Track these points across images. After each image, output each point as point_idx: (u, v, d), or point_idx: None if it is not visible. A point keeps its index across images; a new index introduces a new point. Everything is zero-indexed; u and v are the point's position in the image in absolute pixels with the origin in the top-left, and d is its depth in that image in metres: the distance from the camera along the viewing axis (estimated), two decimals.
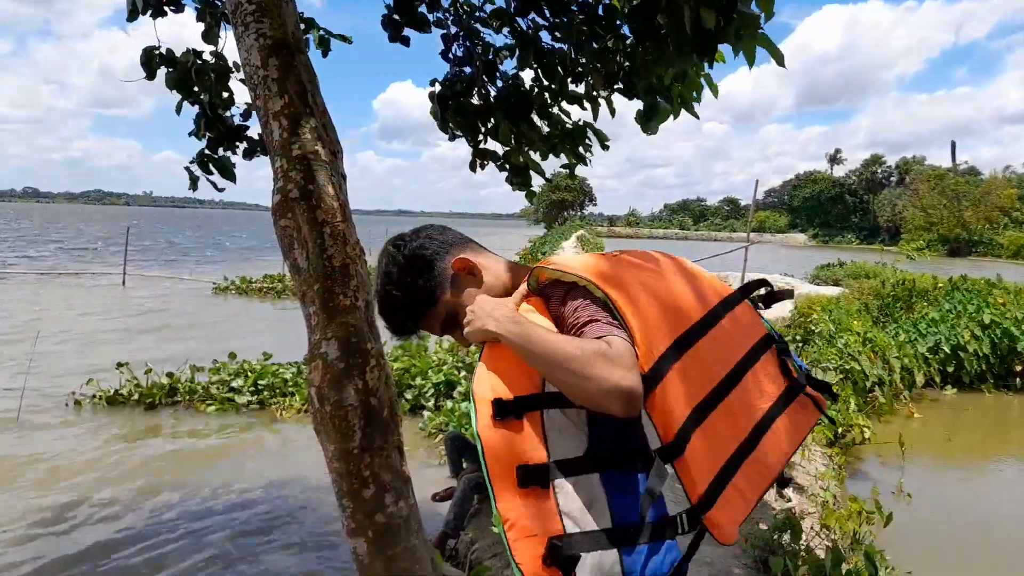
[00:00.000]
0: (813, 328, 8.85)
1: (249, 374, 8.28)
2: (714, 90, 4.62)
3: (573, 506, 1.10)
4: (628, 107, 4.27)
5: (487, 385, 1.18)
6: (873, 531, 4.65)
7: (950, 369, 9.41)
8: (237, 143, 4.24)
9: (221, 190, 4.29)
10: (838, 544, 3.21)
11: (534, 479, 1.11)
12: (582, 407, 1.12)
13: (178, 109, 4.04)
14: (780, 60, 3.25)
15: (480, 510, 4.33)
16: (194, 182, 4.13)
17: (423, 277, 1.40)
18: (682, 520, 1.18)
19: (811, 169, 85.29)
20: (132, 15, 3.76)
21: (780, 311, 10.75)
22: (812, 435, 5.91)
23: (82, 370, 8.68)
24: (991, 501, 6.22)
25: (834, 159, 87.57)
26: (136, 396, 7.71)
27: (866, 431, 6.62)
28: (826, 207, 76.58)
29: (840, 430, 6.55)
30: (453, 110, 4.29)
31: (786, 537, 3.21)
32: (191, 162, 4.05)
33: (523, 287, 1.35)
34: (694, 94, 4.42)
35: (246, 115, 4.24)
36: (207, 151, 4.09)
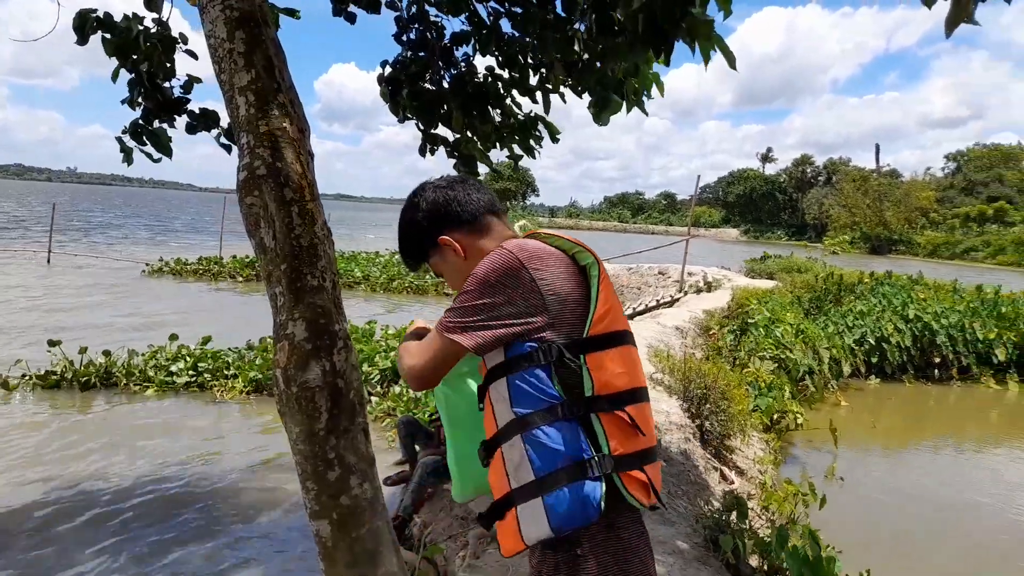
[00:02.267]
0: (750, 319, 9.17)
1: (188, 358, 8.05)
2: (660, 88, 4.73)
3: (511, 465, 1.31)
4: (574, 99, 4.33)
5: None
6: (807, 512, 4.90)
7: (874, 360, 9.91)
8: (176, 115, 4.08)
9: (157, 161, 4.12)
10: (782, 525, 3.36)
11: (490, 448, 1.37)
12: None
13: (114, 76, 3.86)
14: (732, 62, 3.36)
15: (434, 494, 4.34)
16: (128, 154, 3.94)
17: (418, 238, 1.60)
18: (593, 464, 1.27)
19: (745, 167, 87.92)
20: None
21: (718, 302, 11.09)
22: (750, 421, 6.15)
23: (7, 352, 8.25)
24: (913, 483, 6.60)
25: (766, 158, 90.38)
26: (70, 376, 7.39)
27: (799, 417, 6.92)
28: (758, 204, 79.03)
29: (776, 416, 6.84)
30: (409, 94, 4.25)
31: (733, 517, 3.34)
32: (123, 132, 3.88)
33: None
34: (644, 91, 4.52)
35: (187, 87, 4.09)
36: (142, 122, 3.92)
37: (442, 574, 3.51)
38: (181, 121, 4.11)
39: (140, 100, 3.95)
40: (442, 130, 4.37)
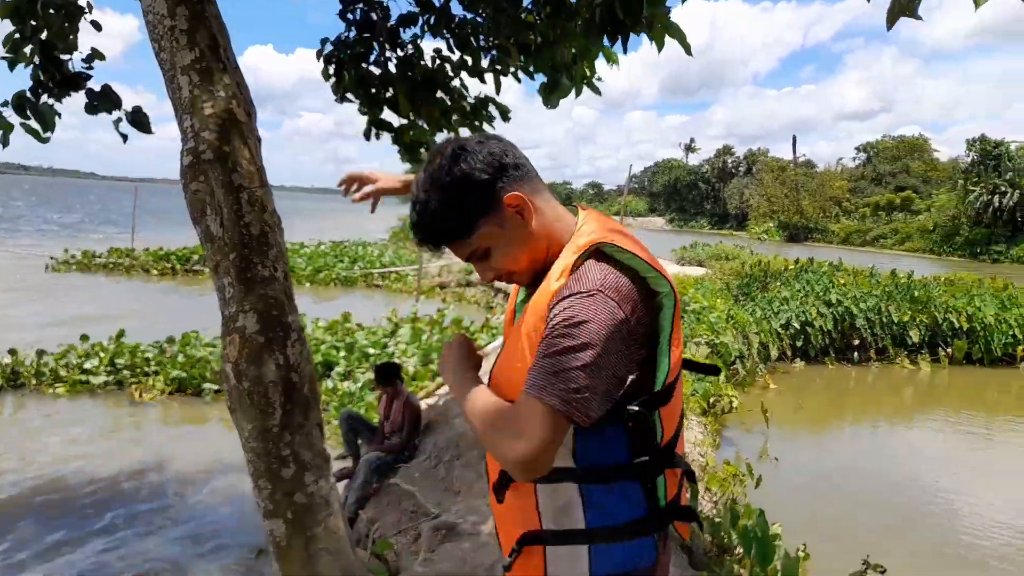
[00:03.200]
0: (687, 307, 9.39)
1: (103, 354, 7.62)
2: (615, 60, 4.72)
3: (549, 507, 1.18)
4: (510, 86, 4.32)
5: (497, 383, 1.23)
6: (745, 492, 5.07)
7: (799, 343, 10.32)
8: (71, 92, 3.82)
9: (44, 140, 3.85)
10: (732, 504, 3.45)
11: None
12: None
13: (6, 43, 3.57)
14: (688, 48, 3.40)
15: (380, 490, 4.26)
16: (7, 130, 3.65)
17: (470, 201, 1.16)
18: (652, 521, 1.19)
19: (670, 157, 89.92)
20: None
21: None
22: (688, 405, 6.30)
23: None
24: (838, 460, 6.92)
25: (689, 148, 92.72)
26: None
27: (734, 400, 7.14)
28: (682, 193, 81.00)
29: (712, 400, 7.03)
30: (356, 77, 4.12)
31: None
32: (4, 104, 3.56)
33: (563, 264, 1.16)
34: (594, 69, 4.52)
35: (89, 60, 3.82)
36: (29, 95, 3.64)
37: (393, 570, 3.45)
38: (77, 104, 3.81)
39: (32, 68, 3.66)
40: (388, 114, 4.25)
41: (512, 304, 1.35)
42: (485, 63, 4.26)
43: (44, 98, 3.58)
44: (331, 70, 4.32)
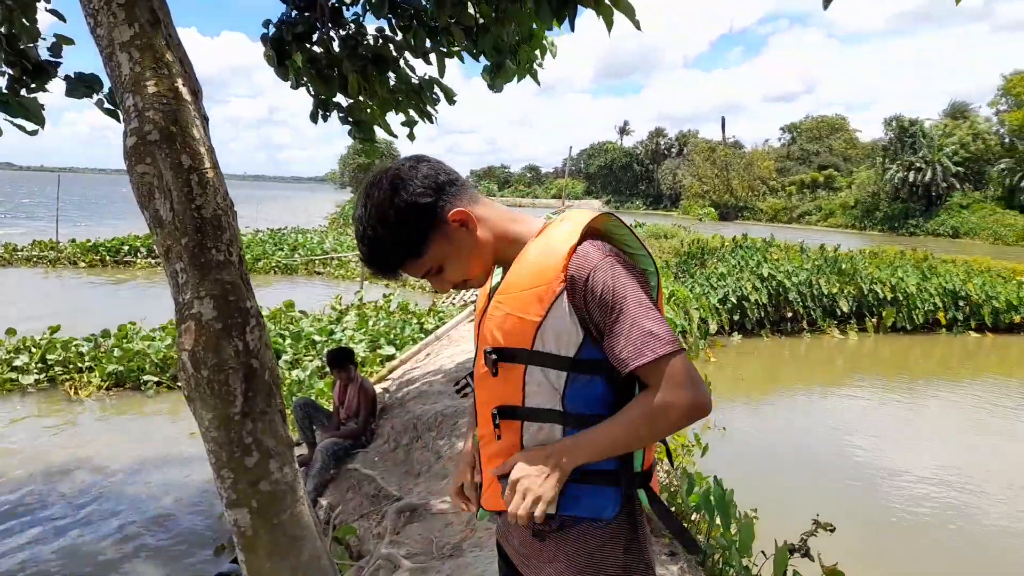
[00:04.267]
0: None
1: (34, 350, 7.27)
2: (553, 52, 4.77)
3: (531, 443, 1.24)
4: (450, 68, 4.30)
5: (487, 333, 1.26)
6: (693, 461, 5.23)
7: (736, 318, 10.67)
8: (45, 82, 3.65)
9: (32, 134, 3.68)
10: (685, 473, 3.55)
11: (506, 415, 1.24)
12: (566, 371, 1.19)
13: None
14: (637, 24, 3.44)
15: (337, 476, 4.21)
16: None
17: (417, 225, 1.22)
18: (627, 475, 1.24)
19: (604, 140, 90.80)
20: None
21: None
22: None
23: None
24: (775, 427, 7.22)
25: (624, 131, 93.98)
26: None
27: None
28: (618, 175, 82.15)
29: None
30: (304, 59, 4.02)
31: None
32: None
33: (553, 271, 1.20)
34: (536, 56, 4.54)
35: (55, 50, 3.65)
36: (6, 91, 3.48)
37: (355, 554, 3.43)
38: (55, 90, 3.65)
39: (2, 67, 3.49)
40: (337, 96, 4.17)
41: (481, 307, 1.38)
42: (428, 44, 4.21)
43: (23, 92, 3.40)
44: (274, 54, 4.20)
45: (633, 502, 1.25)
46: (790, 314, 10.92)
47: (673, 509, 3.57)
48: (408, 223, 1.21)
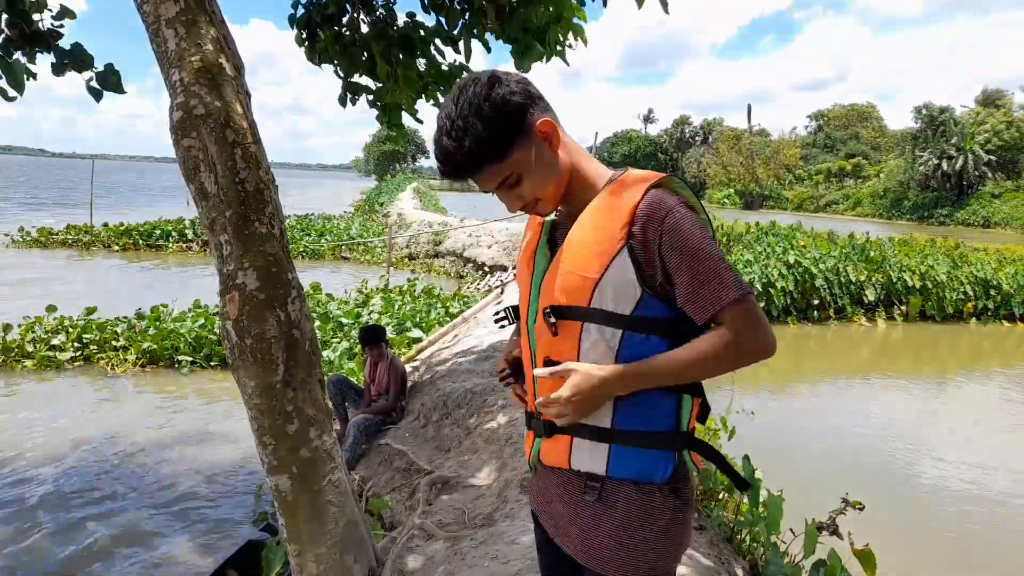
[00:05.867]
0: None
1: (71, 330, 7.46)
2: (584, 39, 4.76)
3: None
4: (478, 58, 4.30)
5: (548, 289, 1.27)
6: (720, 445, 5.24)
7: (762, 304, 10.60)
8: (41, 50, 3.71)
9: (10, 99, 3.75)
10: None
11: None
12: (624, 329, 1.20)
13: None
14: (665, 6, 3.43)
15: (369, 450, 4.30)
16: None
17: (507, 125, 1.19)
18: (675, 438, 1.25)
19: (629, 128, 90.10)
20: None
21: None
22: None
23: None
24: (802, 414, 7.19)
25: (648, 119, 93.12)
26: None
27: None
28: (642, 164, 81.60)
29: None
30: (330, 38, 4.06)
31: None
32: None
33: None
34: (565, 38, 4.53)
35: (60, 16, 3.71)
36: None
37: (388, 525, 3.51)
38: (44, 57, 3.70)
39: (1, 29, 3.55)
40: (365, 79, 4.21)
41: (534, 240, 1.38)
42: (459, 26, 4.23)
43: (17, 56, 3.46)
44: (303, 34, 4.26)
45: (684, 467, 1.26)
46: (816, 301, 10.81)
47: (701, 488, 3.60)
48: (501, 119, 1.18)
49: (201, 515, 4.27)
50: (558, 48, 4.46)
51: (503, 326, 1.54)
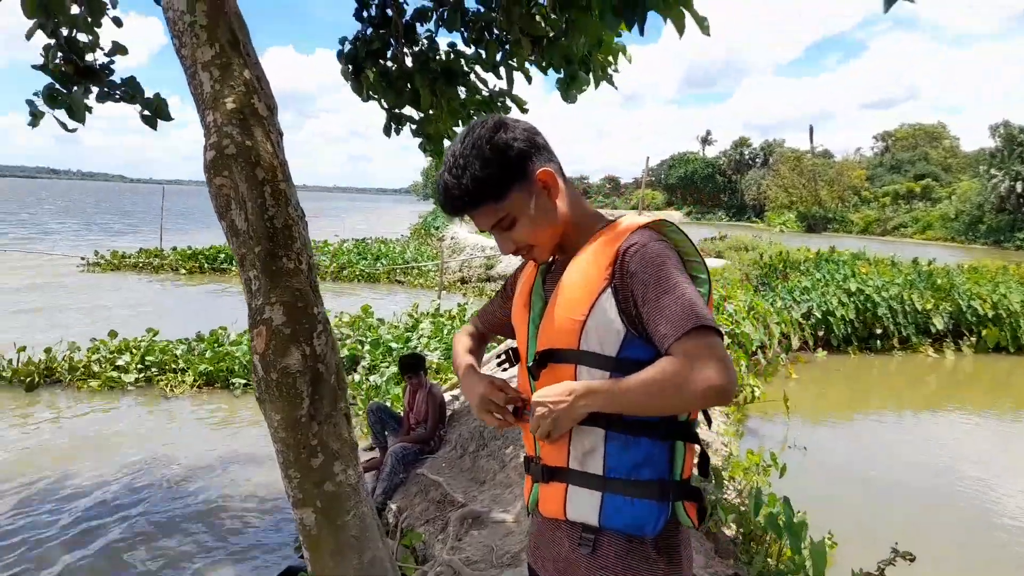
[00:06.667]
0: None
1: (134, 351, 7.77)
2: (628, 57, 4.72)
3: (577, 449, 1.24)
4: (520, 85, 4.32)
5: (543, 335, 1.29)
6: (769, 481, 5.04)
7: (820, 333, 10.24)
8: (96, 85, 3.90)
9: (72, 131, 3.92)
10: (756, 493, 3.43)
11: None
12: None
13: (29, 35, 3.65)
14: (705, 28, 3.38)
15: (407, 480, 4.30)
16: (36, 118, 3.73)
17: (507, 167, 1.24)
18: (668, 487, 1.21)
19: (686, 150, 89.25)
20: None
21: None
22: None
23: None
24: (861, 450, 6.86)
25: (706, 140, 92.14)
26: (9, 376, 7.05)
27: (756, 390, 7.10)
28: (699, 186, 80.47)
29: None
30: (376, 73, 4.15)
31: (708, 486, 3.41)
32: (35, 94, 3.64)
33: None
34: (610, 61, 4.50)
35: (112, 53, 3.89)
36: (59, 87, 3.74)
37: (420, 558, 3.48)
38: (107, 109, 3.91)
39: (55, 63, 3.74)
40: (408, 109, 4.28)
41: (529, 282, 1.42)
42: (499, 57, 4.27)
43: (74, 90, 3.66)
44: (350, 69, 4.36)
45: (676, 523, 1.23)
46: (879, 331, 10.38)
47: (740, 529, 3.47)
48: (500, 162, 1.23)
49: (244, 538, 4.34)
50: (605, 74, 4.44)
51: (504, 368, 1.53)
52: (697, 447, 1.26)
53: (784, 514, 3.00)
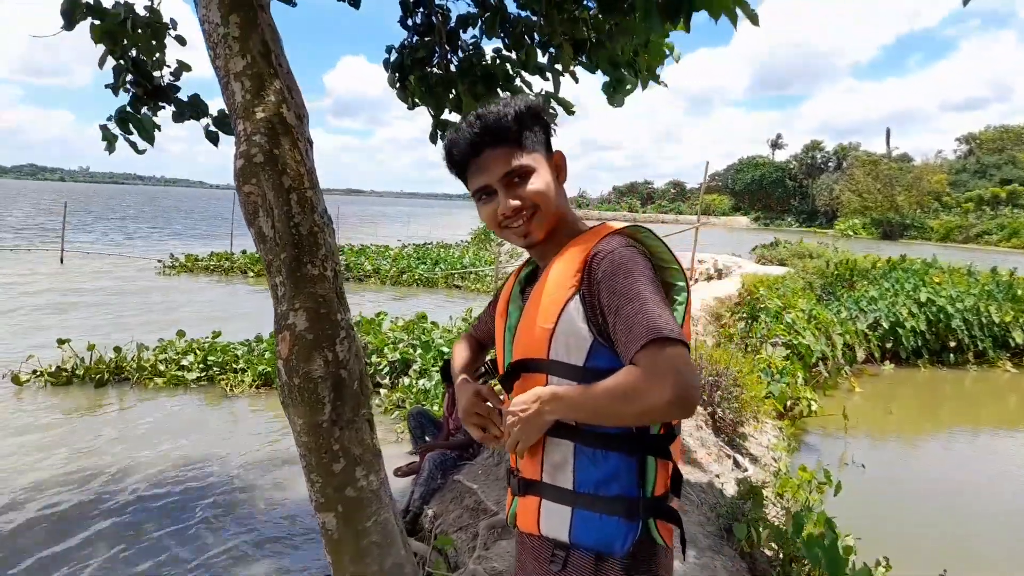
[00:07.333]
0: (760, 305, 9.07)
1: (198, 351, 8.07)
2: (675, 56, 4.60)
3: (548, 461, 1.24)
4: (582, 89, 4.26)
5: (518, 346, 1.30)
6: (822, 499, 4.83)
7: (888, 345, 9.79)
8: (164, 104, 4.05)
9: (141, 152, 4.08)
10: (798, 512, 3.29)
11: None
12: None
13: (101, 63, 3.82)
14: (755, 19, 3.25)
15: (444, 486, 4.31)
16: (111, 142, 3.90)
17: (537, 125, 1.31)
18: (639, 506, 1.18)
19: (754, 154, 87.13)
20: None
21: (729, 289, 10.98)
22: (763, 408, 6.06)
23: (20, 349, 8.28)
24: (930, 470, 6.51)
25: (776, 144, 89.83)
26: (81, 373, 7.42)
27: (813, 404, 6.83)
28: (768, 191, 78.42)
29: (789, 403, 6.75)
30: (417, 79, 4.18)
31: (747, 505, 3.29)
32: (108, 119, 3.80)
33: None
34: (657, 61, 4.40)
35: (177, 74, 4.05)
36: (129, 109, 3.89)
37: (452, 565, 3.48)
38: (167, 114, 4.05)
39: (125, 86, 3.91)
40: (454, 116, 4.31)
41: (507, 292, 1.44)
42: (543, 60, 4.24)
43: (144, 111, 3.83)
44: (396, 77, 4.41)
45: (649, 543, 1.18)
46: (953, 343, 9.85)
47: (779, 551, 3.32)
48: (530, 118, 1.28)
49: (284, 540, 4.42)
50: (651, 73, 4.35)
51: (484, 381, 1.52)
52: (671, 462, 1.23)
53: (828, 537, 2.86)
